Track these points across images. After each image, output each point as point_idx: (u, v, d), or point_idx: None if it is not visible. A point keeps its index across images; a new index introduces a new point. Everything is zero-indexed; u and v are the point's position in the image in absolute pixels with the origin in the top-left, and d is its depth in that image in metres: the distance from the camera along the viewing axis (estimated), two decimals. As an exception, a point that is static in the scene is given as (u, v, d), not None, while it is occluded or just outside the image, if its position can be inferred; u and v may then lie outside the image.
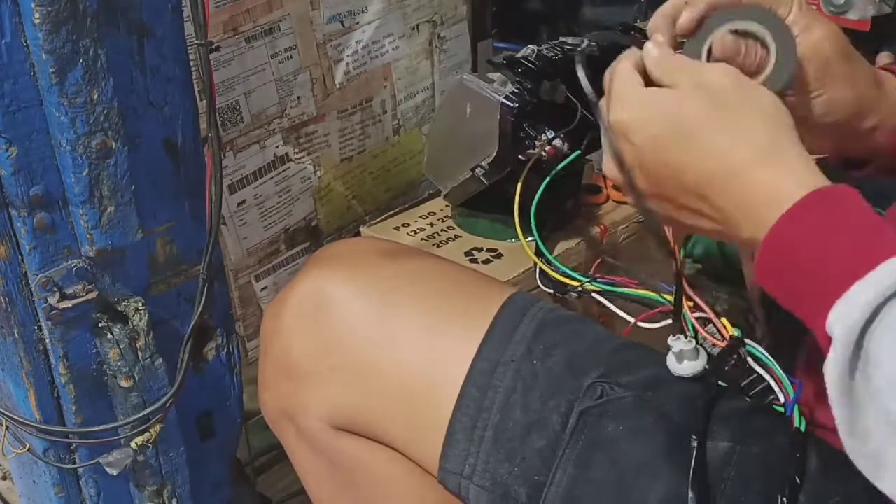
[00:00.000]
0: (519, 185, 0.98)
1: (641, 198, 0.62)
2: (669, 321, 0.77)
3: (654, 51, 0.62)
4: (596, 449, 0.67)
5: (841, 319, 0.50)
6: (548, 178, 0.88)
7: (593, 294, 0.87)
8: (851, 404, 0.50)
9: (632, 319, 0.79)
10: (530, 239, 1.05)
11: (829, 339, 0.51)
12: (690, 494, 0.62)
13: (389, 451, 0.77)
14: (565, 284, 0.94)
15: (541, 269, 1.01)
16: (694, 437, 0.64)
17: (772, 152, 0.56)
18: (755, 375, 0.73)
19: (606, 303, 0.84)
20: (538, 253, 1.03)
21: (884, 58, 1.42)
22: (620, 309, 0.84)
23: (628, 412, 0.67)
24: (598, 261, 1.10)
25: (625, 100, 0.61)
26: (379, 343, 0.76)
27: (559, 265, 0.95)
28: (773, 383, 0.72)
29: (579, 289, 0.91)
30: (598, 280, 0.90)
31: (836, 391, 0.50)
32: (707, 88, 0.59)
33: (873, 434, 0.49)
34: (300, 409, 0.80)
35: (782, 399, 0.71)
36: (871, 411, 0.49)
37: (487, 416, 0.70)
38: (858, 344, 0.49)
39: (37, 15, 0.64)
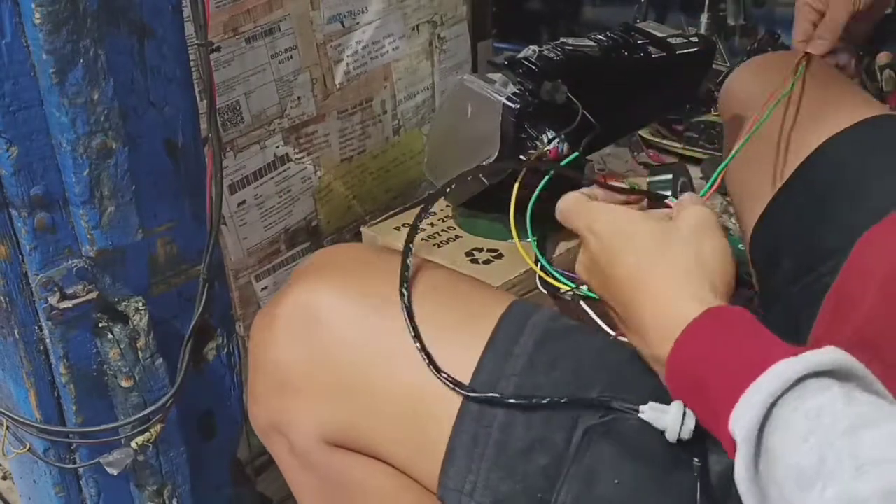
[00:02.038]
0: (516, 186, 0.98)
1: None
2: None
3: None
4: (601, 466, 0.65)
5: (739, 420, 0.54)
6: (544, 180, 0.88)
7: (580, 303, 0.87)
8: (760, 494, 0.53)
9: (612, 332, 0.78)
10: (528, 241, 1.05)
11: (734, 444, 0.54)
12: None
13: (385, 467, 0.74)
14: (559, 288, 0.93)
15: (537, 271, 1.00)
16: (696, 459, 0.63)
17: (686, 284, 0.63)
18: None
19: (590, 311, 0.83)
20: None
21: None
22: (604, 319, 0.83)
23: (633, 429, 0.66)
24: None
25: (597, 216, 0.70)
26: (373, 359, 0.73)
27: (552, 270, 0.94)
28: None
29: (570, 294, 0.90)
30: None
31: (745, 485, 0.53)
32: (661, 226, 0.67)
33: None
34: (292, 424, 0.77)
35: None
36: (776, 499, 0.52)
37: (488, 432, 0.68)
38: (758, 440, 0.53)
39: (37, 15, 0.64)
